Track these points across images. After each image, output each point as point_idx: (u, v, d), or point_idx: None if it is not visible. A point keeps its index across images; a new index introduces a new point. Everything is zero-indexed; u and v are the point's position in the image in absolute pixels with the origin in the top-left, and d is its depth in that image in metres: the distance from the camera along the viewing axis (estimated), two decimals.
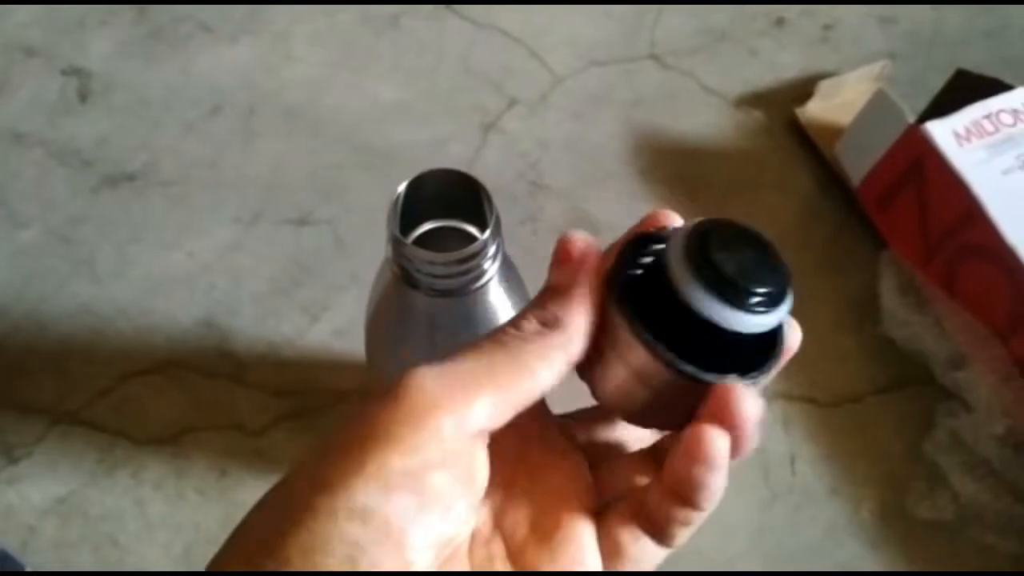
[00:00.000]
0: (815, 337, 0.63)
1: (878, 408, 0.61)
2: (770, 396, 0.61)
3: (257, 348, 0.61)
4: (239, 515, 0.25)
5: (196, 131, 0.69)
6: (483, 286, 0.36)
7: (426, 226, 0.38)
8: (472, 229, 0.39)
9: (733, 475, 0.25)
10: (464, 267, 0.35)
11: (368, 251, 0.39)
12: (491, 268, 0.36)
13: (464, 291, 0.36)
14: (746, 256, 0.25)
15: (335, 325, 0.62)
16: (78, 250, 0.64)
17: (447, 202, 0.37)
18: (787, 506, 0.58)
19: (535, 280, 0.59)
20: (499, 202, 0.35)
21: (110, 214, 0.66)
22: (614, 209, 0.68)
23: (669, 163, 0.70)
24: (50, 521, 0.56)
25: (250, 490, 0.56)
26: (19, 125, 0.68)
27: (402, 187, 0.35)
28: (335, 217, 0.66)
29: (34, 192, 0.66)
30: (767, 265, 0.26)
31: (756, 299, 0.25)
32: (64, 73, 0.71)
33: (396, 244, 0.35)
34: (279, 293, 0.63)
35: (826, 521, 0.58)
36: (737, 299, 0.25)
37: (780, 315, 0.25)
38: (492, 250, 0.36)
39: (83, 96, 0.70)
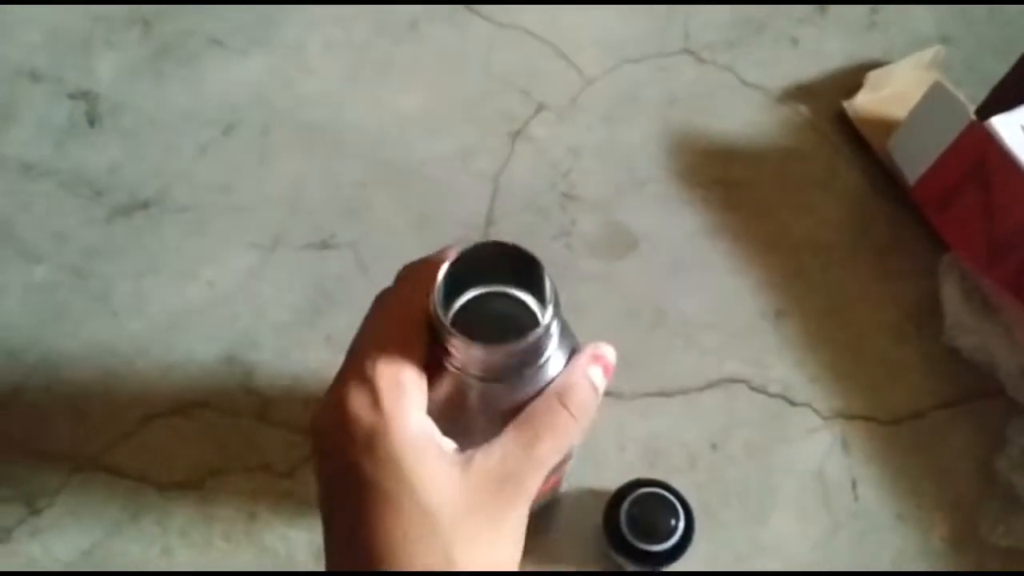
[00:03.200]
0: (872, 349, 0.60)
1: (943, 424, 0.57)
2: (827, 416, 0.57)
3: (282, 382, 0.58)
4: (269, 561, 0.22)
5: (210, 153, 0.66)
6: (542, 365, 0.32)
7: (472, 292, 0.34)
8: (521, 294, 0.34)
9: (790, 503, 0.22)
10: (522, 357, 0.31)
11: (393, 274, 0.35)
12: (550, 346, 0.32)
13: (519, 374, 0.32)
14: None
15: None
16: (93, 285, 0.61)
17: (494, 267, 0.33)
18: (851, 534, 0.54)
19: (574, 302, 0.55)
20: (530, 216, 0.31)
21: (124, 245, 0.63)
22: (651, 218, 0.64)
23: (709, 165, 0.66)
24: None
25: (279, 534, 0.53)
26: (27, 155, 0.66)
27: (444, 268, 0.30)
28: (358, 239, 0.63)
29: (45, 225, 0.63)
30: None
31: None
32: (72, 97, 0.68)
33: (443, 331, 0.30)
34: (303, 323, 0.60)
35: (894, 549, 0.54)
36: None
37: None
38: (554, 329, 0.31)
39: (92, 120, 0.67)
